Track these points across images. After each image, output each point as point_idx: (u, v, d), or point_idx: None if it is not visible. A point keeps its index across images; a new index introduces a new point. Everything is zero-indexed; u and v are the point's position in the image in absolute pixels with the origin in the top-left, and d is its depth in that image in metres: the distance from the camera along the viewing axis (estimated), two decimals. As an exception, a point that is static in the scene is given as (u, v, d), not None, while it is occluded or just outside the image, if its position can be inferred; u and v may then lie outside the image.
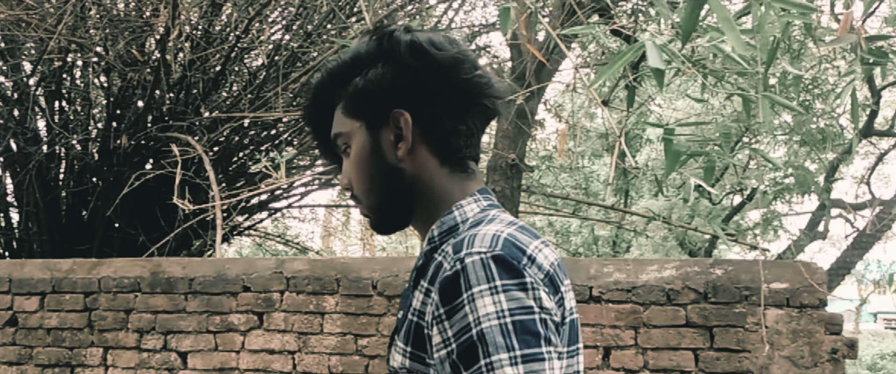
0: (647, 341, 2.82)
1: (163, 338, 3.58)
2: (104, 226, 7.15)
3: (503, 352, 0.93)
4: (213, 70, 6.90)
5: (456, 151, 1.13)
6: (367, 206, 1.17)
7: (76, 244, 7.13)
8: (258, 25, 7.20)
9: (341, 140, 1.17)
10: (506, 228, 1.04)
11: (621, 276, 2.89)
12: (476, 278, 0.97)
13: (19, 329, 3.79)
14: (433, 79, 1.11)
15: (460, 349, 0.96)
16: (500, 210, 1.14)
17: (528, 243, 1.03)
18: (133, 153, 7.10)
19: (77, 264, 3.79)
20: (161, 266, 3.65)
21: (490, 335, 0.94)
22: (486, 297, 0.96)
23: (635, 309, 2.84)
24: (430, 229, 1.14)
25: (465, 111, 1.13)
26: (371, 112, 1.14)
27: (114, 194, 7.05)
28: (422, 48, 1.11)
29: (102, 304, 3.68)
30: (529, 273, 0.98)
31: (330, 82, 1.18)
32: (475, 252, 0.99)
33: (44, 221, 7.01)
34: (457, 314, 0.97)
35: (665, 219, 8.38)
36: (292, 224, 12.06)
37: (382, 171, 1.14)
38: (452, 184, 1.14)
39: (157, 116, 7.26)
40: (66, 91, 7.15)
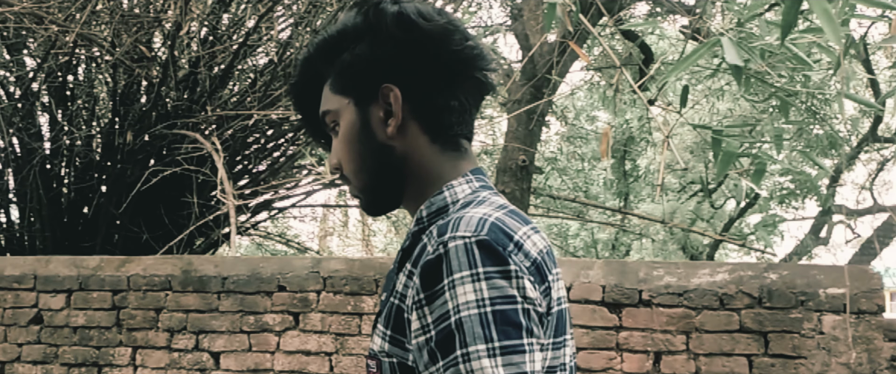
0: (699, 346, 2.79)
1: (194, 338, 3.52)
2: (107, 223, 7.07)
3: (481, 342, 0.90)
4: (220, 67, 6.83)
5: (448, 127, 1.09)
6: (356, 186, 1.13)
7: (79, 242, 7.05)
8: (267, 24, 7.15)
9: (329, 118, 1.13)
10: (495, 211, 0.99)
11: (672, 279, 2.86)
12: (458, 263, 0.92)
13: (44, 327, 3.72)
14: (422, 51, 1.07)
15: (438, 337, 0.93)
16: (492, 192, 1.09)
17: (517, 228, 0.98)
18: (137, 150, 7.03)
19: (105, 262, 3.72)
20: (192, 264, 3.59)
21: (468, 324, 0.90)
22: (467, 284, 0.92)
23: (687, 314, 2.81)
24: (418, 209, 1.10)
25: (456, 85, 1.09)
26: (359, 88, 1.09)
27: (117, 192, 6.97)
28: (409, 19, 1.06)
29: (132, 302, 3.61)
30: (514, 261, 0.94)
31: (317, 59, 1.14)
32: (459, 236, 0.94)
33: (47, 217, 6.92)
34: (437, 300, 0.93)
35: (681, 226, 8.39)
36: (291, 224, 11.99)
37: (372, 149, 1.09)
38: (444, 163, 1.10)
39: (163, 114, 7.19)
40: (71, 87, 7.07)
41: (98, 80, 7.65)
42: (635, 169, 12.25)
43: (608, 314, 2.96)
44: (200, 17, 6.57)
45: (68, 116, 6.97)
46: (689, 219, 10.71)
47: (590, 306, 2.98)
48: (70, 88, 7.06)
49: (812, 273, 2.77)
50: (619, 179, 12.20)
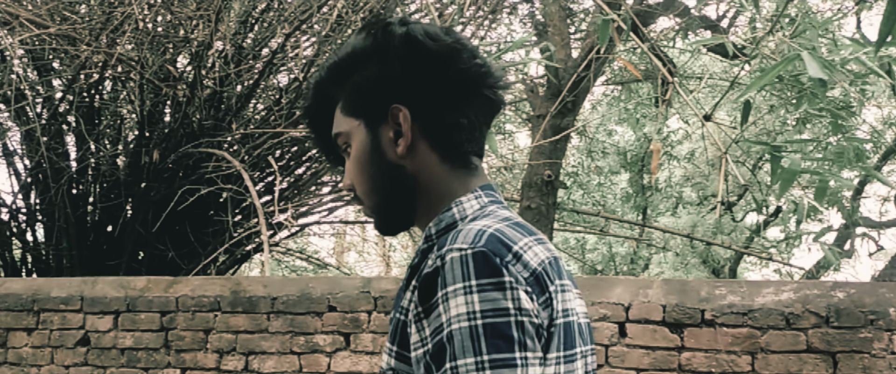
0: (765, 367, 2.77)
1: (244, 359, 3.50)
2: (133, 242, 7.08)
3: (470, 356, 0.89)
4: (245, 86, 6.85)
5: (458, 145, 1.10)
6: (369, 206, 1.14)
7: (105, 260, 7.05)
8: (293, 41, 7.17)
9: (341, 140, 1.14)
10: (496, 223, 0.99)
11: (736, 299, 2.84)
12: (452, 276, 0.93)
13: (92, 349, 3.71)
14: (430, 71, 1.07)
15: (433, 351, 0.93)
16: (501, 206, 1.10)
17: (518, 239, 0.98)
18: (162, 169, 7.04)
19: (152, 282, 3.72)
20: (241, 285, 3.58)
21: (458, 338, 0.90)
22: (459, 297, 0.92)
23: (752, 334, 2.79)
24: (427, 226, 1.10)
25: (465, 103, 1.09)
26: (369, 110, 1.11)
27: (143, 210, 6.98)
28: (417, 40, 1.07)
29: (180, 323, 3.60)
30: (511, 271, 0.94)
31: (328, 81, 1.15)
32: (456, 249, 0.95)
33: (73, 236, 6.93)
34: (432, 312, 0.94)
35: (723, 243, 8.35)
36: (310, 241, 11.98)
37: (383, 169, 1.10)
38: (454, 180, 1.10)
39: (189, 132, 7.22)
40: (98, 107, 7.09)
41: (124, 99, 7.68)
42: (654, 183, 12.22)
43: (669, 334, 2.94)
44: (227, 37, 6.60)
45: (95, 136, 6.99)
46: (709, 232, 10.67)
47: (650, 327, 2.96)
48: (97, 108, 7.08)
49: (881, 291, 2.74)
50: (637, 192, 12.17)
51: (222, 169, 6.55)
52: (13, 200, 7.50)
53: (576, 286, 1.10)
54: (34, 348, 3.78)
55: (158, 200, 6.88)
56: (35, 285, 3.89)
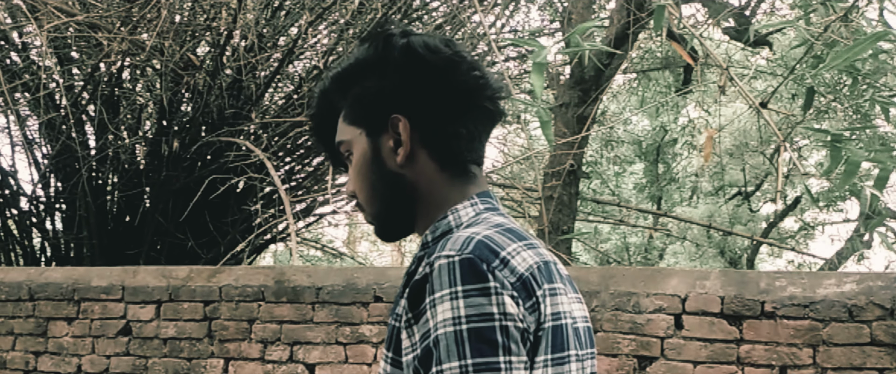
0: (827, 360, 2.74)
1: (289, 349, 3.48)
2: (153, 231, 7.06)
3: (455, 360, 0.92)
4: (265, 74, 6.81)
5: (456, 154, 1.13)
6: (370, 213, 1.17)
7: (125, 249, 7.04)
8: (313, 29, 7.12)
9: (344, 148, 1.17)
10: (487, 230, 1.02)
11: (796, 290, 2.81)
12: (440, 282, 0.96)
13: (133, 339, 3.69)
14: (429, 82, 1.11)
15: (421, 355, 0.96)
16: (495, 213, 1.12)
17: (506, 244, 1.00)
18: (182, 158, 7.02)
19: (195, 272, 3.69)
20: (285, 274, 3.55)
21: (444, 342, 0.93)
22: (446, 302, 0.94)
23: (814, 326, 2.76)
24: (424, 234, 1.13)
25: (464, 114, 1.12)
26: (370, 119, 1.14)
27: (163, 199, 6.96)
28: (416, 52, 1.11)
29: (224, 313, 3.58)
30: (496, 277, 0.96)
31: (331, 91, 1.18)
32: (444, 255, 0.98)
33: (93, 225, 6.90)
34: (421, 318, 0.97)
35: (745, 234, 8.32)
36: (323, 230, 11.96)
37: (383, 177, 1.13)
38: (452, 189, 1.13)
39: (209, 121, 7.18)
40: (118, 96, 7.06)
41: (144, 87, 7.64)
42: (668, 172, 12.17)
43: (728, 326, 2.91)
44: (249, 26, 6.55)
45: (115, 125, 6.96)
46: (726, 223, 10.62)
47: (708, 319, 2.92)
48: (117, 97, 7.05)
49: (947, 283, 2.72)
50: (652, 182, 12.13)
51: (243, 158, 6.53)
52: (33, 189, 7.48)
53: (575, 290, 1.13)
54: (75, 337, 3.76)
55: (178, 189, 6.86)
56: (75, 274, 3.87)
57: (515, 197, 9.38)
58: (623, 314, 3.04)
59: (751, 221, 11.19)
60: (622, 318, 3.04)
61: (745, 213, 11.00)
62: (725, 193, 11.48)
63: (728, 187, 11.47)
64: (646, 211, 9.37)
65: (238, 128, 6.82)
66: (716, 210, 10.82)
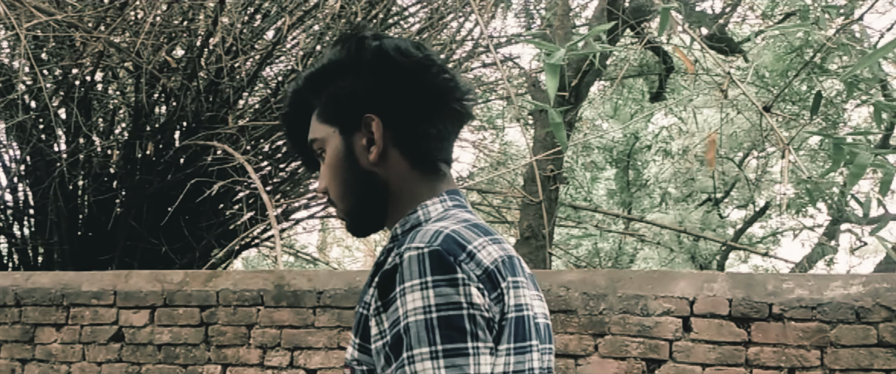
0: (834, 362, 2.77)
1: (289, 355, 3.42)
2: (126, 236, 6.92)
3: (425, 346, 0.97)
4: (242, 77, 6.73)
5: (427, 153, 1.18)
6: (342, 209, 1.21)
7: (97, 255, 6.89)
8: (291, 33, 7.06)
9: (317, 146, 1.21)
10: (454, 224, 1.07)
11: (804, 292, 2.84)
12: (409, 273, 1.01)
13: (126, 345, 3.60)
14: (401, 84, 1.15)
15: (391, 342, 1.01)
16: (463, 210, 1.17)
17: (473, 239, 1.06)
18: (156, 162, 6.90)
19: (190, 276, 3.61)
20: (285, 279, 3.50)
21: (414, 329, 0.98)
22: (416, 291, 0.99)
23: (821, 328, 2.79)
24: (394, 227, 1.18)
25: (434, 115, 1.17)
26: (343, 118, 1.18)
27: (136, 204, 6.84)
28: (388, 55, 1.15)
29: (221, 318, 3.51)
30: (463, 269, 1.01)
31: (305, 90, 1.22)
32: (414, 247, 1.02)
33: (65, 230, 6.75)
34: (390, 307, 1.02)
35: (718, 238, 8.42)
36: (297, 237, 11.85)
37: (356, 175, 1.17)
38: (422, 186, 1.18)
39: (184, 125, 7.08)
40: (92, 98, 6.91)
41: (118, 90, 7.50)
42: (638, 178, 12.28)
43: (736, 328, 2.93)
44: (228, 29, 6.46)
45: (88, 127, 6.82)
46: (697, 228, 10.74)
47: (716, 321, 2.94)
48: (90, 99, 6.90)
49: (954, 285, 2.77)
50: (622, 188, 12.22)
51: (220, 162, 6.43)
52: (1, 194, 7.30)
53: (536, 288, 1.19)
54: (64, 344, 3.66)
55: (152, 193, 6.74)
56: (64, 279, 3.76)
57: (493, 202, 9.39)
58: (631, 317, 3.04)
59: (720, 226, 11.33)
60: (630, 321, 3.04)
61: (714, 219, 11.13)
62: (694, 199, 11.61)
63: (697, 194, 11.60)
64: (623, 216, 9.44)
65: (214, 131, 6.72)
66: (686, 216, 10.93)
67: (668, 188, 11.69)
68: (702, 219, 10.98)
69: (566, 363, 3.11)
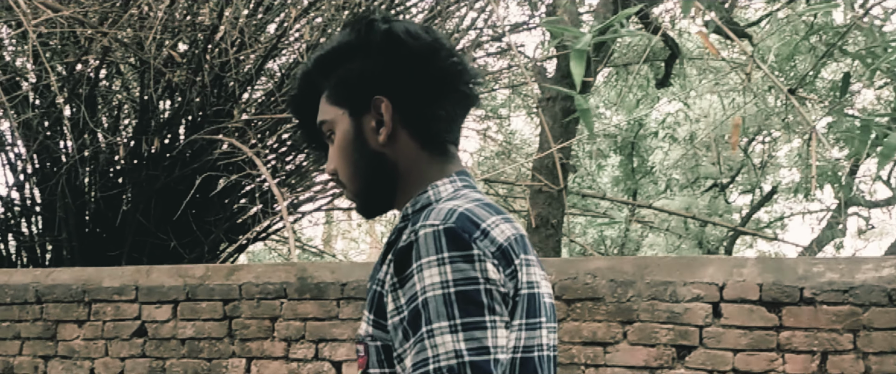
0: (867, 345, 2.77)
1: (314, 347, 3.41)
2: (134, 232, 6.90)
3: (444, 320, 0.99)
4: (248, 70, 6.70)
5: (435, 135, 1.19)
6: (351, 191, 1.22)
7: (106, 251, 6.88)
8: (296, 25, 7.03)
9: (326, 127, 1.22)
10: (467, 203, 1.09)
11: (835, 276, 2.83)
12: (426, 249, 1.03)
13: (149, 340, 3.58)
14: (410, 66, 1.17)
15: (409, 317, 1.03)
16: (473, 190, 1.19)
17: (486, 217, 1.08)
18: (163, 157, 6.88)
19: (212, 270, 3.60)
20: (307, 271, 3.48)
21: (433, 304, 1.00)
22: (433, 267, 1.02)
23: (854, 311, 2.78)
24: (405, 207, 1.19)
25: (443, 97, 1.18)
26: (353, 100, 1.19)
27: (144, 199, 6.81)
28: (398, 38, 1.16)
29: (244, 312, 3.49)
30: (478, 246, 1.03)
31: (314, 72, 1.24)
32: (429, 225, 1.05)
33: (73, 227, 6.73)
34: (407, 283, 1.04)
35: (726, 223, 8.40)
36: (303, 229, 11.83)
37: (365, 156, 1.19)
38: (432, 167, 1.19)
39: (190, 119, 7.05)
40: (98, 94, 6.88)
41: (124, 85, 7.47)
42: (643, 165, 12.26)
43: (767, 313, 2.92)
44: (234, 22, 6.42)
45: (95, 123, 6.78)
46: (704, 214, 10.74)
47: (747, 306, 2.93)
48: (96, 95, 6.87)
49: None
50: (627, 175, 12.21)
51: (227, 156, 6.41)
52: (8, 192, 7.27)
53: (542, 268, 1.20)
54: (86, 340, 3.64)
55: (159, 188, 6.72)
56: (84, 275, 3.75)
57: (499, 191, 9.38)
58: (660, 304, 3.03)
59: (726, 212, 11.32)
60: (659, 308, 3.03)
61: (721, 204, 11.12)
62: (700, 185, 11.59)
63: (702, 180, 11.58)
64: (631, 203, 9.43)
65: (221, 125, 6.69)
66: (693, 202, 10.92)
67: (673, 175, 11.68)
68: (708, 205, 10.96)
69: (594, 352, 3.10)
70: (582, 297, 3.14)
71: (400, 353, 1.05)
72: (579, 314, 3.11)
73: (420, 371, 1.00)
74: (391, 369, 1.10)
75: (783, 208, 11.73)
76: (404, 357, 1.04)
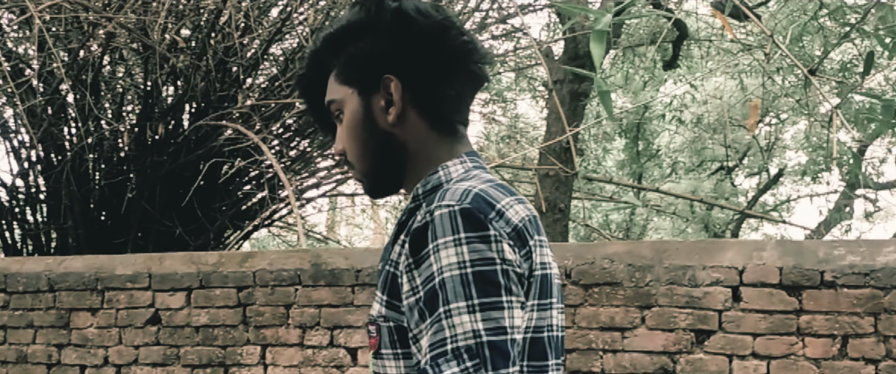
0: (888, 328, 2.74)
1: (329, 333, 3.39)
2: (139, 219, 6.88)
3: (462, 300, 0.99)
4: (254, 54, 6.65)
5: (445, 115, 1.18)
6: (360, 170, 1.21)
7: (111, 238, 6.86)
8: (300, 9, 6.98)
9: (335, 107, 1.21)
10: (481, 184, 1.08)
11: (855, 259, 2.80)
12: (442, 230, 1.02)
13: (163, 328, 3.56)
14: (420, 45, 1.15)
15: (426, 297, 1.02)
16: (484, 171, 1.18)
17: (500, 198, 1.07)
18: (167, 143, 6.85)
19: (225, 257, 3.57)
20: (321, 257, 3.46)
21: (450, 284, 1.00)
22: (450, 248, 1.01)
23: (875, 294, 2.76)
24: (415, 187, 1.18)
25: (453, 77, 1.17)
26: (362, 79, 1.18)
27: (149, 186, 6.79)
28: (408, 16, 1.15)
29: (259, 299, 3.47)
30: (494, 227, 1.03)
31: (323, 51, 1.22)
32: (444, 205, 1.04)
33: (78, 215, 6.71)
34: (423, 263, 1.03)
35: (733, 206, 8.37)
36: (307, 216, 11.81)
37: (374, 136, 1.17)
38: (441, 147, 1.18)
39: (194, 105, 7.01)
40: (101, 80, 6.84)
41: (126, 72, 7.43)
42: (648, 148, 12.23)
43: (787, 297, 2.89)
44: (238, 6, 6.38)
45: (99, 109, 6.75)
46: (710, 197, 10.71)
47: (766, 290, 2.91)
48: (100, 81, 6.83)
49: None
50: (632, 159, 12.18)
51: (231, 142, 6.38)
52: (13, 180, 7.24)
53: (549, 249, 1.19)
54: (100, 328, 3.62)
55: (164, 175, 6.70)
56: (97, 263, 3.72)
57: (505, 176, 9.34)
58: (679, 288, 3.01)
59: (732, 195, 11.30)
60: (678, 292, 3.01)
61: (727, 187, 11.10)
62: (705, 168, 11.56)
63: (708, 163, 11.54)
64: (637, 187, 9.40)
65: (226, 111, 6.65)
66: (698, 185, 10.90)
67: (678, 158, 11.64)
68: (715, 187, 10.94)
69: (613, 337, 3.08)
70: (599, 282, 3.11)
71: (415, 334, 1.05)
72: (597, 299, 3.09)
73: (438, 351, 0.99)
74: (404, 349, 1.09)
75: (790, 190, 11.70)
76: (420, 338, 1.04)
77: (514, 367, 1.00)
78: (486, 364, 0.97)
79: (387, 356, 1.11)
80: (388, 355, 1.11)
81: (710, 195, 10.75)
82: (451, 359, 0.98)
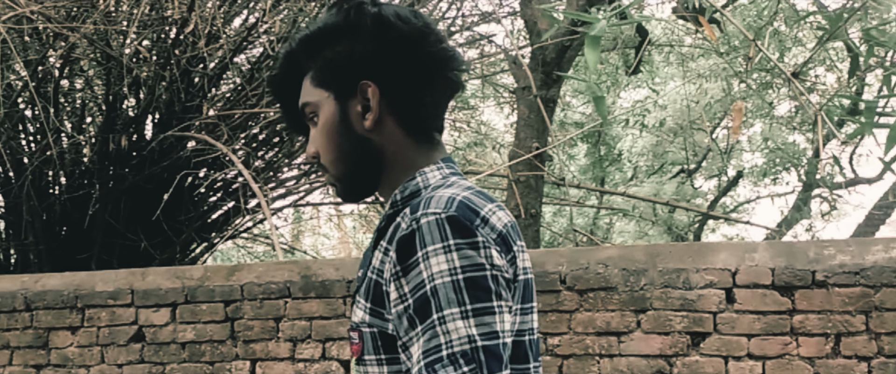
0: (880, 325, 2.80)
1: (321, 346, 3.34)
2: (103, 233, 6.73)
3: (455, 306, 1.00)
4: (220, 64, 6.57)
5: (422, 122, 1.18)
6: (333, 175, 1.21)
7: (74, 253, 6.71)
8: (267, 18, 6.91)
9: (309, 110, 1.20)
10: (462, 191, 1.09)
11: (845, 258, 2.86)
12: (431, 237, 1.02)
13: (147, 345, 3.48)
14: (399, 51, 1.15)
15: (416, 305, 1.02)
16: (461, 177, 1.19)
17: (483, 205, 1.08)
18: (130, 155, 6.72)
19: (211, 271, 3.50)
20: (311, 269, 3.41)
21: (442, 291, 1.00)
22: (440, 255, 1.02)
23: (865, 292, 2.81)
24: (393, 194, 1.18)
25: (430, 83, 1.17)
26: (339, 83, 1.17)
27: (113, 199, 6.65)
28: (388, 21, 1.14)
29: (247, 312, 3.40)
30: (481, 233, 1.04)
31: (299, 53, 1.21)
32: (430, 213, 1.04)
33: (39, 230, 6.54)
34: (412, 271, 1.03)
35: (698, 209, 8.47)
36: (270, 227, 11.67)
37: (350, 140, 1.17)
38: (418, 153, 1.18)
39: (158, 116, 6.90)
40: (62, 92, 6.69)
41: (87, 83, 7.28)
42: (610, 153, 12.35)
43: (780, 297, 2.93)
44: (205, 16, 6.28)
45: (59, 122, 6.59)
46: (672, 199, 10.85)
47: (759, 291, 2.95)
48: (60, 93, 6.67)
49: None
50: (595, 163, 12.28)
51: (197, 153, 6.29)
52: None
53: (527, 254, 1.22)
54: (80, 347, 3.52)
55: (128, 187, 6.57)
56: (76, 280, 3.62)
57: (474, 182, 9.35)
58: (673, 291, 3.03)
59: (693, 197, 11.46)
60: (672, 295, 3.03)
61: (688, 190, 11.25)
62: (666, 171, 11.70)
63: (668, 166, 11.69)
64: (603, 191, 9.49)
65: (190, 121, 6.55)
66: (660, 188, 11.04)
67: (639, 162, 11.77)
68: (676, 190, 11.08)
69: (609, 341, 3.09)
70: (594, 287, 3.12)
71: (405, 341, 1.05)
72: (592, 304, 3.10)
73: (433, 357, 0.99)
74: (389, 355, 1.09)
75: (749, 191, 11.91)
76: (410, 345, 1.04)
77: (506, 370, 1.01)
78: (481, 368, 0.98)
79: (370, 363, 1.11)
80: (371, 360, 1.11)
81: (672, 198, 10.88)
82: (448, 364, 0.98)
